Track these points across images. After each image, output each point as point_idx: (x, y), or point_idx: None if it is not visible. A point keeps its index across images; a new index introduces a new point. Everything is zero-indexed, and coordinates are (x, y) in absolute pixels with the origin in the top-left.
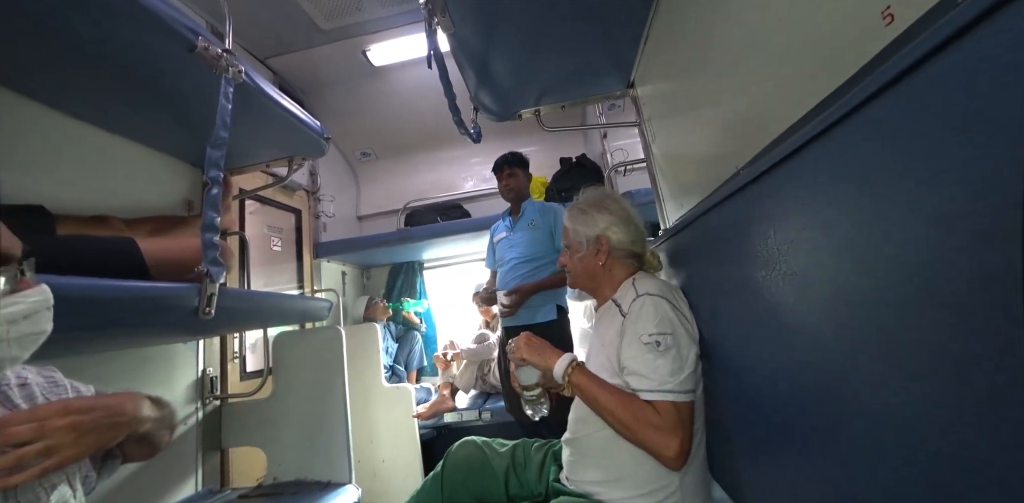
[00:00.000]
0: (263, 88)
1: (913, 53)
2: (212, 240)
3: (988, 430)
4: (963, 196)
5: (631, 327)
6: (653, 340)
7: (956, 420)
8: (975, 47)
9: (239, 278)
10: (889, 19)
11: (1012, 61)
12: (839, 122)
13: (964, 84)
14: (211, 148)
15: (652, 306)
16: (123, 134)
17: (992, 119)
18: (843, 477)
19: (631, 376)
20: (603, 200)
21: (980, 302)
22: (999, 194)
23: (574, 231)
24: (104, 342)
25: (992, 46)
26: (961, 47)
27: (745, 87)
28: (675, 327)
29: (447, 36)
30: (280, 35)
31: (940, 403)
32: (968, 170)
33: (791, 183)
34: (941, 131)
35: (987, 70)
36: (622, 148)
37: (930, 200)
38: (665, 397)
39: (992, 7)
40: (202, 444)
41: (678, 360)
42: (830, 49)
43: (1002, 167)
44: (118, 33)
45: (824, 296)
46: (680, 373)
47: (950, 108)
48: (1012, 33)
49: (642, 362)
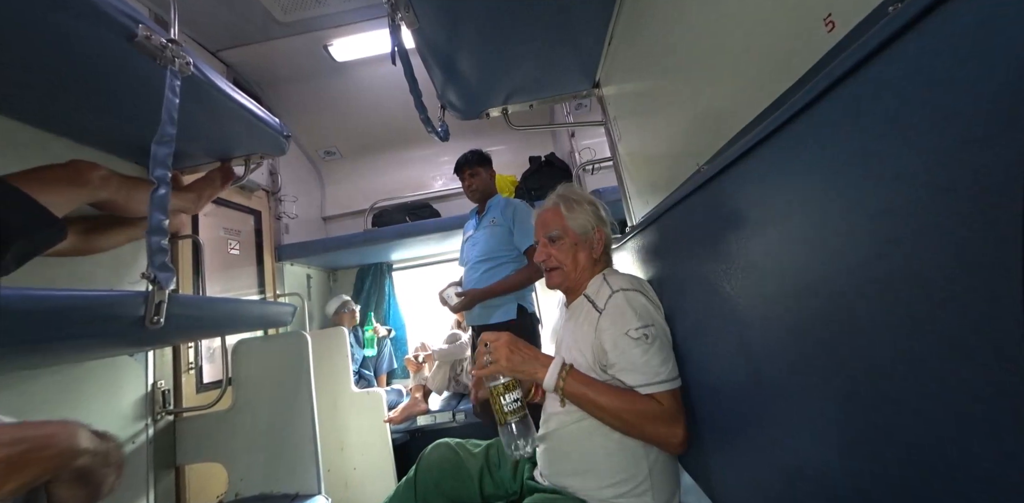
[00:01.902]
0: (214, 81)
1: (849, 59)
2: (160, 244)
3: (923, 409)
4: (898, 191)
5: (612, 324)
6: (641, 334)
7: (894, 400)
8: (903, 53)
9: (193, 284)
10: (831, 26)
11: (935, 65)
12: (787, 122)
13: (894, 88)
14: (156, 145)
15: (631, 300)
16: (55, 131)
17: (921, 119)
18: (799, 458)
19: (624, 372)
20: (588, 196)
21: (912, 290)
22: (929, 189)
23: (573, 221)
24: (32, 359)
25: (918, 51)
26: (891, 53)
27: (704, 88)
28: (654, 318)
29: (412, 32)
30: (234, 27)
31: (879, 388)
32: (901, 167)
33: (745, 180)
34: (875, 131)
35: (915, 73)
36: (590, 147)
37: (868, 195)
38: (663, 387)
39: (918, 16)
40: (153, 463)
41: (665, 349)
42: (780, 53)
43: (931, 165)
44: (45, 19)
45: (777, 288)
46: (669, 361)
47: (884, 109)
48: (934, 39)
49: (634, 357)
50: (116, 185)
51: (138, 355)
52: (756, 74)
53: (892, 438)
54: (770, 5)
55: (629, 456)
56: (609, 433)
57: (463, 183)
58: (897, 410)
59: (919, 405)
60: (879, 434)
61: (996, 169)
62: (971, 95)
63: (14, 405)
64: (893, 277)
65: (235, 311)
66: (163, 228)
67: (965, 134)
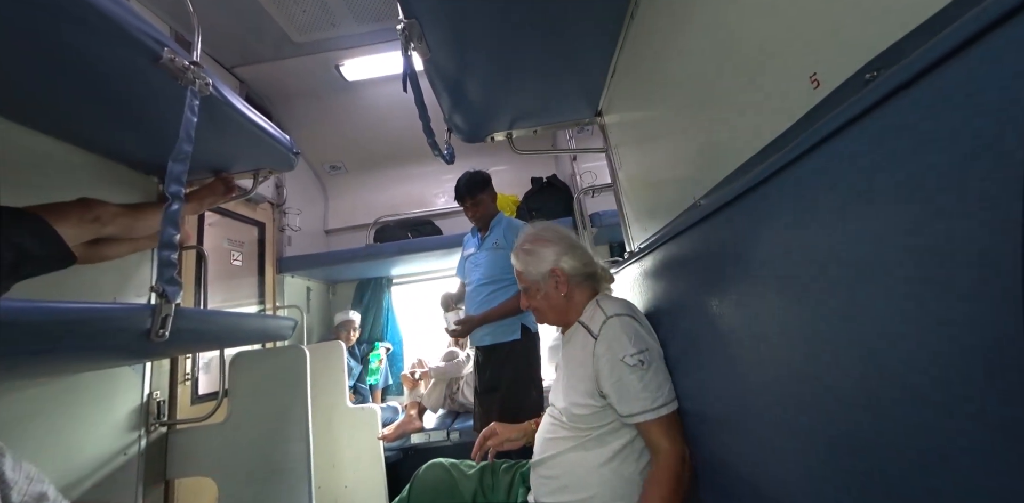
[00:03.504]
0: (231, 101)
1: (827, 126)
2: (169, 258)
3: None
4: (873, 249)
5: (608, 351)
6: (637, 360)
7: (886, 442)
8: (877, 121)
9: (195, 295)
10: (816, 83)
11: (911, 129)
12: (777, 172)
13: (867, 151)
14: (173, 162)
15: (625, 326)
16: (75, 143)
17: (891, 179)
18: (789, 489)
19: (620, 403)
20: (541, 233)
21: (888, 337)
22: (899, 251)
23: (527, 273)
24: (32, 370)
25: (895, 115)
26: (869, 120)
27: (702, 123)
28: (648, 342)
29: (423, 60)
30: (250, 45)
31: (883, 417)
32: (876, 228)
33: (738, 220)
34: (852, 191)
35: (890, 138)
36: (591, 171)
37: (847, 248)
38: (659, 413)
39: (895, 89)
40: (144, 476)
41: (661, 372)
42: (771, 101)
43: (904, 230)
44: (78, 42)
45: (766, 326)
46: (666, 383)
47: (857, 172)
48: (904, 113)
49: (630, 383)
50: (122, 221)
51: (136, 365)
52: (751, 116)
53: (884, 478)
54: (764, 58)
55: (624, 484)
56: (604, 460)
57: (466, 212)
58: (893, 452)
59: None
60: (871, 476)
61: (963, 236)
62: (934, 167)
63: (8, 414)
64: (874, 329)
65: (237, 325)
66: (174, 243)
67: (929, 204)
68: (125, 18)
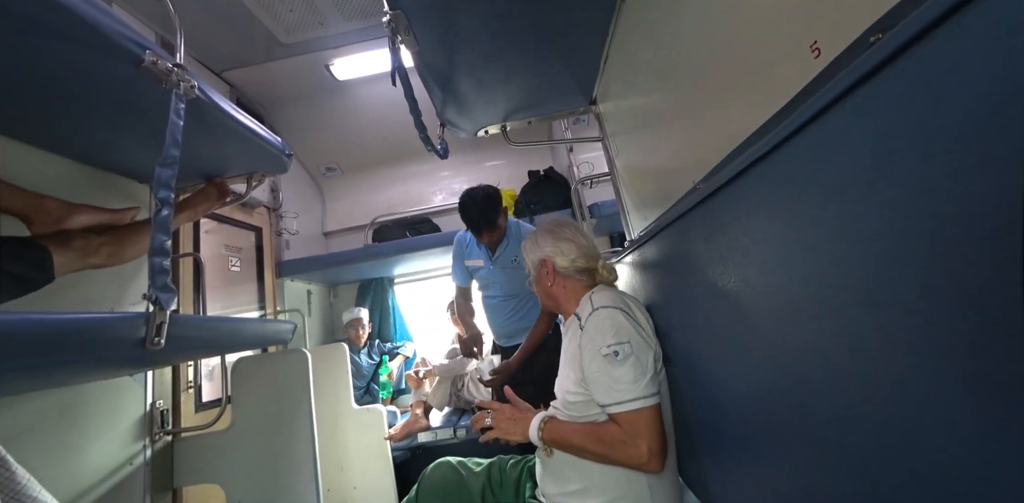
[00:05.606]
0: (218, 103)
1: (834, 89)
2: (162, 264)
3: (940, 425)
4: (877, 217)
5: (589, 341)
6: (612, 351)
7: (912, 418)
8: (885, 85)
9: (193, 302)
10: (817, 52)
11: (912, 97)
12: (780, 145)
13: (875, 117)
14: (160, 167)
15: (607, 318)
16: (67, 155)
17: (898, 150)
18: (808, 478)
19: (596, 391)
20: (548, 226)
21: (899, 307)
22: (908, 221)
23: (528, 260)
24: (29, 382)
25: (899, 81)
26: (874, 84)
27: (698, 106)
28: (631, 335)
29: (411, 54)
30: (238, 48)
31: (892, 401)
32: (880, 195)
33: (739, 199)
34: (857, 161)
35: (895, 104)
36: (588, 161)
37: (853, 219)
38: (631, 406)
39: (897, 51)
40: (151, 486)
41: (638, 366)
42: (770, 75)
43: (911, 194)
44: (56, 49)
45: (773, 304)
46: (643, 378)
47: (864, 138)
48: (913, 75)
49: (604, 374)
50: (105, 251)
51: (137, 375)
52: (748, 94)
53: (896, 464)
54: (760, 32)
55: (625, 474)
56: None
57: (481, 240)
58: (902, 434)
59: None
60: (881, 460)
61: (976, 199)
62: (945, 129)
63: (12, 425)
64: (879, 296)
65: (235, 330)
66: (165, 249)
67: (941, 167)
68: (102, 22)
